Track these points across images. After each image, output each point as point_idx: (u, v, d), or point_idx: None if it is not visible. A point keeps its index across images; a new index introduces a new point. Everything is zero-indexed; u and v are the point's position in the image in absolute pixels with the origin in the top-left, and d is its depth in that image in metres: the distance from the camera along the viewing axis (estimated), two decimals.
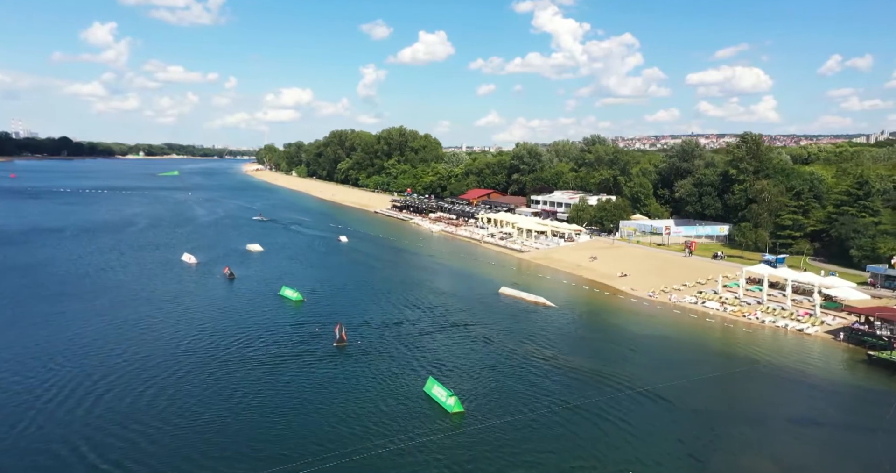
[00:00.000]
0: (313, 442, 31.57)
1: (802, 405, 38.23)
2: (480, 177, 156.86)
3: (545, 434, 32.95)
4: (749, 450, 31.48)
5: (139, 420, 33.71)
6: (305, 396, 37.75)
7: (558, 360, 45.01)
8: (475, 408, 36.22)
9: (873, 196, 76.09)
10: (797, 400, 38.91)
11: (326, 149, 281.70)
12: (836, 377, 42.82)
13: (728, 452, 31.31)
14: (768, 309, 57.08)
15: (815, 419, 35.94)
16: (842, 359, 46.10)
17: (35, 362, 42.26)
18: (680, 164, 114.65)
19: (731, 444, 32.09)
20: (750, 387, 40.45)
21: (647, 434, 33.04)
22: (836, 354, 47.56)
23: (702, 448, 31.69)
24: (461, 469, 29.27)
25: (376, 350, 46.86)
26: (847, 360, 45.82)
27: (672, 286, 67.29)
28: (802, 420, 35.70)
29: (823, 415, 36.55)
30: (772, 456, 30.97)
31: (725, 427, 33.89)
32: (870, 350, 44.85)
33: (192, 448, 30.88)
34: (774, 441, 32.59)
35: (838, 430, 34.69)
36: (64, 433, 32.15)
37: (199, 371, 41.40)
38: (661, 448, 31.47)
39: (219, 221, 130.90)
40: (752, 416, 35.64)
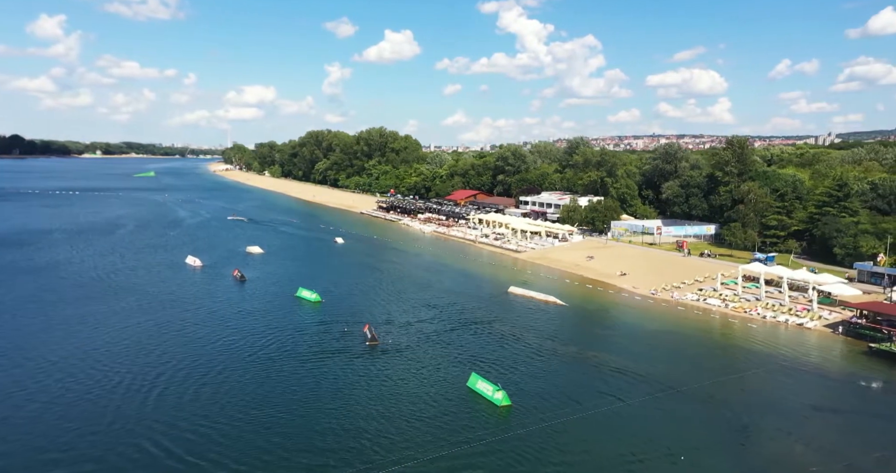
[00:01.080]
0: (371, 439, 32.97)
1: (819, 394, 41.28)
2: (465, 178, 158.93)
3: (593, 425, 35.00)
4: (781, 437, 34.14)
5: (206, 416, 34.87)
6: (355, 392, 39.14)
7: (587, 356, 47.29)
8: (520, 401, 38.09)
9: (852, 197, 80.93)
10: (813, 390, 41.97)
11: (302, 149, 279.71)
12: (842, 368, 46.11)
13: (763, 440, 33.89)
14: (768, 305, 60.60)
15: (834, 407, 38.99)
16: (844, 351, 49.58)
17: (86, 363, 43.04)
18: (664, 166, 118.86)
19: (763, 433, 34.66)
20: (769, 379, 43.33)
21: (687, 424, 35.52)
22: (836, 346, 51.07)
23: (738, 436, 34.24)
24: (520, 459, 31.03)
25: (408, 348, 48.38)
26: (849, 352, 49.29)
27: (672, 284, 70.45)
28: (822, 408, 38.71)
29: (840, 403, 39.64)
30: (803, 442, 33.72)
31: (755, 418, 36.49)
32: (870, 343, 48.42)
33: (260, 444, 31.98)
34: (802, 428, 35.39)
35: (856, 416, 37.72)
36: (143, 428, 33.41)
37: (245, 370, 42.46)
38: (703, 438, 33.92)
39: (206, 223, 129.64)
40: (778, 407, 38.42)
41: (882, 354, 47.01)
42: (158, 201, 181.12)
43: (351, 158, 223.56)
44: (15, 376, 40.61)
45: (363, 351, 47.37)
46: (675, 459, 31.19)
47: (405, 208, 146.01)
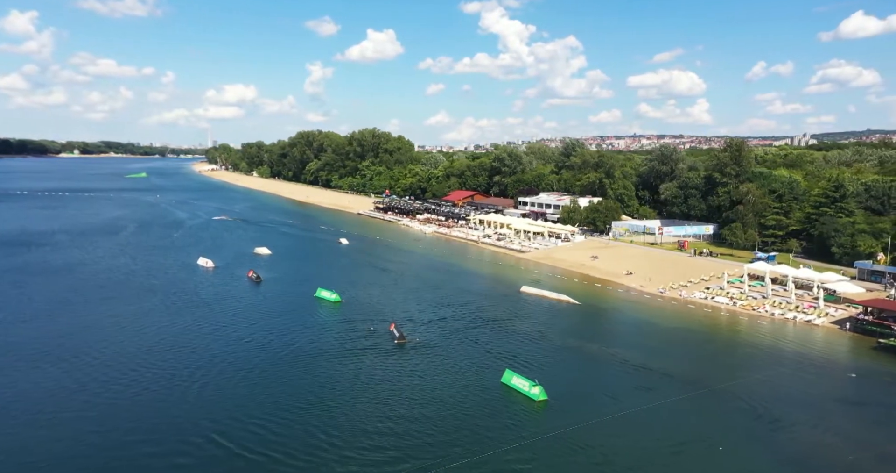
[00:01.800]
0: (416, 437, 33.89)
1: (838, 388, 43.24)
2: (462, 179, 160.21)
3: (632, 420, 36.42)
4: (811, 429, 35.92)
5: (256, 412, 35.71)
6: (392, 389, 40.19)
7: (610, 354, 48.83)
8: (555, 397, 39.39)
9: (848, 198, 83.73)
10: (832, 384, 43.95)
11: (293, 150, 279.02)
12: (856, 363, 48.13)
13: (794, 431, 35.64)
14: (775, 303, 62.76)
15: (854, 400, 40.96)
16: (854, 347, 51.71)
17: (135, 361, 43.98)
18: (660, 167, 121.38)
19: (793, 425, 36.35)
20: (789, 374, 45.13)
21: (720, 418, 37.20)
22: (845, 342, 53.25)
23: (770, 428, 35.93)
24: (566, 453, 32.36)
25: (435, 346, 49.56)
26: (859, 348, 51.42)
27: (679, 283, 72.41)
28: (844, 401, 40.67)
29: (860, 396, 41.60)
30: (832, 432, 35.47)
31: (783, 411, 38.14)
32: (880, 339, 50.63)
33: (310, 441, 32.89)
34: (829, 420, 37.19)
35: (877, 408, 39.60)
36: (207, 421, 34.63)
37: (284, 369, 43.47)
38: (737, 430, 35.59)
39: (207, 224, 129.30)
40: (802, 400, 40.23)
41: (891, 349, 49.23)
42: (151, 201, 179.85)
43: (343, 158, 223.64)
44: (74, 376, 41.35)
45: (393, 349, 48.43)
46: (714, 449, 32.76)
47: (403, 209, 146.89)
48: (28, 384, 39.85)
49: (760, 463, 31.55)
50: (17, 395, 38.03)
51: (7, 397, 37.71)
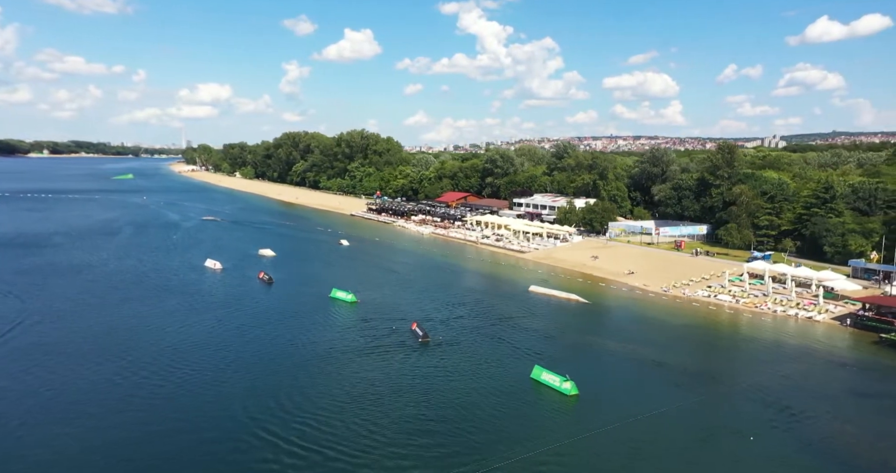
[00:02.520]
0: (457, 436, 35.11)
1: (849, 381, 45.52)
2: (454, 180, 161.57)
3: (663, 413, 38.14)
4: (831, 419, 38.00)
5: (298, 409, 36.63)
6: (425, 387, 41.34)
7: (629, 350, 50.58)
8: (585, 392, 40.91)
9: (837, 199, 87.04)
10: (842, 377, 46.24)
11: (278, 151, 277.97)
12: (861, 357, 50.55)
13: (815, 421, 37.67)
14: (776, 300, 65.29)
15: (866, 392, 43.19)
16: (857, 342, 54.19)
17: (171, 360, 44.43)
18: (651, 169, 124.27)
19: (814, 416, 38.38)
20: (801, 368, 47.34)
21: (744, 411, 39.13)
22: (847, 338, 55.78)
23: (793, 419, 37.94)
24: (606, 448, 33.93)
25: (459, 344, 50.88)
26: (861, 343, 53.86)
27: (681, 282, 74.69)
28: (857, 393, 42.87)
29: (870, 388, 43.89)
30: (851, 423, 37.50)
31: (802, 403, 40.18)
32: (882, 334, 53.25)
33: (357, 440, 33.89)
34: (846, 412, 39.29)
35: (888, 399, 42.02)
36: (248, 419, 35.34)
37: (313, 367, 44.67)
38: (762, 421, 37.52)
39: (202, 225, 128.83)
40: (818, 393, 42.35)
41: (893, 344, 51.85)
42: (139, 203, 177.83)
43: (331, 159, 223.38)
44: (122, 373, 42.16)
45: (418, 348, 49.56)
46: (745, 439, 34.56)
47: (397, 210, 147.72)
48: (84, 381, 40.81)
49: (790, 451, 33.44)
50: (79, 390, 39.16)
51: (70, 392, 38.70)
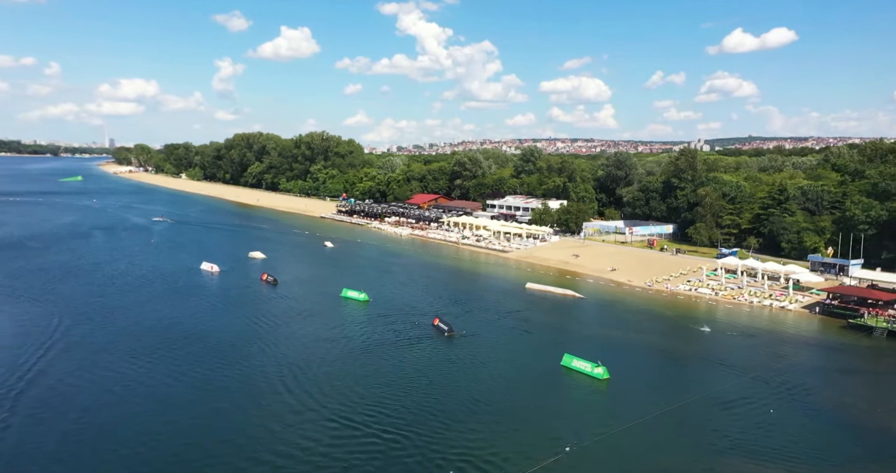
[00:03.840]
0: (513, 419, 38.96)
1: (833, 359, 52.07)
2: (423, 182, 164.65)
3: (688, 393, 43.08)
4: (828, 392, 43.88)
5: (362, 397, 39.39)
6: (470, 376, 44.94)
7: (636, 339, 55.67)
8: (614, 375, 45.33)
9: (790, 201, 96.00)
10: (826, 356, 52.91)
11: (230, 152, 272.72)
12: (836, 339, 57.31)
13: (815, 394, 43.43)
14: (752, 292, 72.22)
15: (850, 368, 49.83)
16: (828, 327, 61.23)
17: (216, 358, 45.63)
18: (616, 171, 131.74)
19: (814, 390, 44.17)
20: (788, 350, 53.66)
21: (754, 387, 44.55)
22: (819, 323, 62.82)
23: (795, 393, 43.60)
24: (638, 413, 38.37)
25: (482, 337, 54.67)
26: (832, 327, 60.89)
27: (662, 277, 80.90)
28: (843, 370, 49.33)
29: (852, 365, 50.59)
30: (848, 394, 43.52)
31: (801, 380, 45.97)
32: (850, 319, 60.50)
33: (430, 422, 36.98)
34: (838, 385, 45.45)
35: (870, 374, 48.65)
36: (318, 406, 37.57)
37: (356, 360, 47.29)
38: (772, 395, 43.00)
39: (175, 228, 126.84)
40: (810, 370, 48.50)
41: (858, 327, 59.13)
42: (92, 206, 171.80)
43: (290, 161, 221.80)
44: (179, 366, 43.50)
45: (447, 341, 52.87)
46: (766, 411, 39.75)
47: (369, 212, 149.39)
48: (155, 374, 42.56)
49: (805, 418, 38.89)
50: (138, 385, 40.57)
51: (130, 387, 39.98)
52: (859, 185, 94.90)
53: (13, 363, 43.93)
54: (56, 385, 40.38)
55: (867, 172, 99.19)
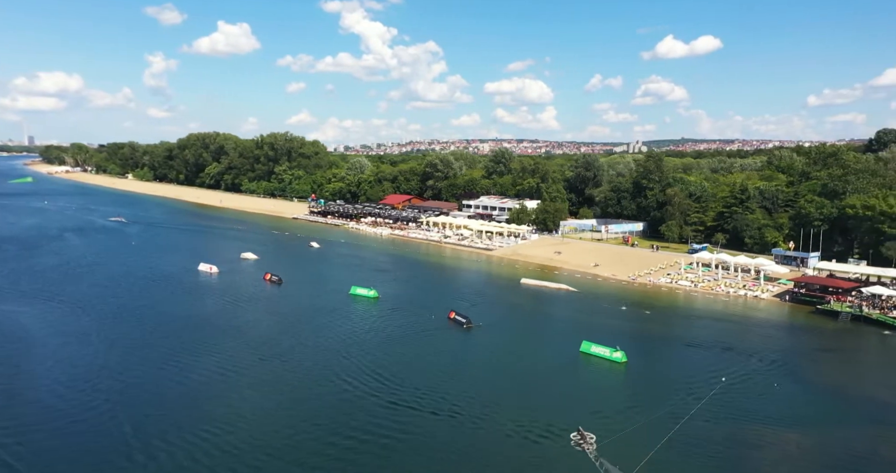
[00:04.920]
0: (542, 391, 43.08)
1: (808, 340, 58.48)
2: (395, 183, 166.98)
3: (696, 376, 48.16)
4: (815, 370, 49.97)
5: (412, 382, 42.53)
6: (501, 363, 49.06)
7: (635, 327, 60.67)
8: (631, 359, 50.04)
9: (750, 200, 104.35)
10: (802, 338, 59.26)
11: (184, 152, 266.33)
12: (807, 323, 64.10)
13: (804, 372, 49.39)
14: (728, 283, 78.96)
15: (822, 346, 56.30)
16: (799, 313, 68.04)
17: (260, 353, 47.89)
18: (585, 173, 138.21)
19: (801, 368, 50.16)
20: (768, 334, 59.88)
21: (753, 364, 50.18)
22: (788, 310, 69.69)
23: (793, 370, 49.43)
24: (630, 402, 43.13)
25: (498, 327, 58.80)
26: (800, 312, 67.78)
27: (643, 272, 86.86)
28: (822, 348, 55.73)
29: (823, 344, 57.11)
30: (833, 369, 49.83)
31: (788, 358, 52.02)
32: (818, 305, 67.62)
33: (483, 403, 40.52)
34: (821, 363, 51.68)
35: (839, 351, 55.18)
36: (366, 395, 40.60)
37: (392, 348, 50.43)
38: (768, 371, 48.63)
39: (150, 230, 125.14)
40: (794, 351, 54.59)
41: (826, 312, 66.26)
42: (48, 208, 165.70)
43: (252, 162, 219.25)
44: (229, 358, 45.78)
45: (466, 333, 56.45)
46: (771, 386, 45.14)
47: (344, 213, 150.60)
48: (203, 369, 44.57)
49: (804, 389, 44.58)
50: (207, 376, 42.60)
51: (203, 377, 42.03)
52: (809, 185, 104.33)
53: (82, 361, 45.31)
54: (134, 379, 42.27)
55: (816, 174, 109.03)
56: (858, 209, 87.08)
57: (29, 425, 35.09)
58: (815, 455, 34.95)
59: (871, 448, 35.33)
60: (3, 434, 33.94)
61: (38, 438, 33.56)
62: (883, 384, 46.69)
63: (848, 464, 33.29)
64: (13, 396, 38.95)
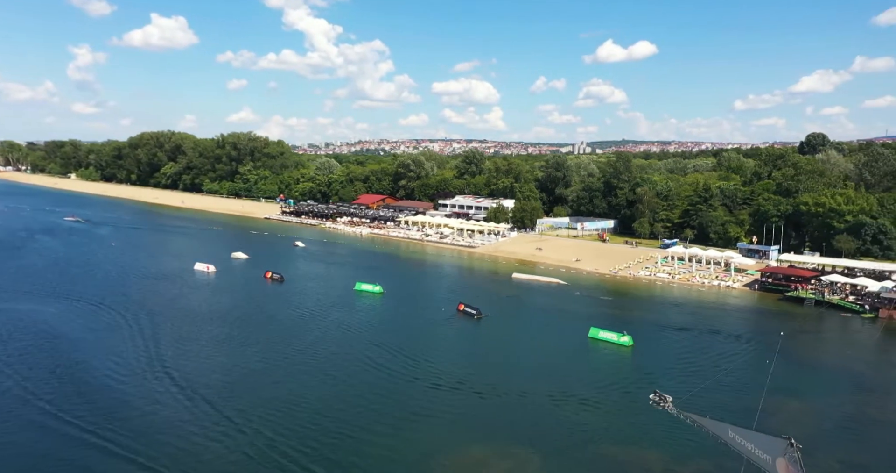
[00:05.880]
0: (562, 369, 47.56)
1: (780, 322, 64.69)
2: (367, 183, 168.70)
3: (689, 347, 53.48)
4: (795, 345, 55.97)
5: (449, 363, 45.92)
6: (523, 348, 52.77)
7: (632, 315, 65.80)
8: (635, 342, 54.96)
9: (713, 198, 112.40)
10: (774, 320, 65.68)
11: (136, 151, 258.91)
12: (777, 308, 71.04)
13: (788, 347, 55.31)
14: (702, 275, 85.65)
15: (794, 328, 62.41)
16: (768, 299, 75.01)
17: (287, 347, 50.33)
18: (555, 173, 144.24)
19: (783, 345, 56.18)
20: (745, 317, 66.22)
21: (742, 344, 55.92)
22: (758, 297, 76.61)
23: (776, 349, 55.30)
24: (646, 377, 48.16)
25: (505, 318, 62.63)
26: (769, 299, 74.78)
27: (623, 266, 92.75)
28: (787, 329, 61.51)
29: (795, 326, 63.60)
30: (810, 348, 56.08)
31: (770, 338, 57.95)
32: (785, 293, 74.78)
33: (517, 382, 44.39)
34: (798, 341, 57.78)
35: (806, 333, 61.90)
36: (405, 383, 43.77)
37: (421, 338, 54.05)
38: (761, 351, 54.47)
39: (122, 232, 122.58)
40: (775, 331, 60.81)
41: (792, 299, 73.44)
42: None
43: (213, 162, 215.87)
44: (270, 351, 46.98)
45: (477, 323, 60.17)
46: (763, 362, 50.72)
47: (319, 213, 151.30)
48: (256, 357, 46.63)
49: (789, 364, 50.37)
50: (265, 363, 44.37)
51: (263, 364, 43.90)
52: (765, 184, 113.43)
53: (132, 354, 46.82)
54: (194, 368, 44.44)
55: (771, 174, 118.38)
56: (811, 206, 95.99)
57: (116, 410, 37.00)
58: (817, 419, 40.40)
59: (859, 410, 41.17)
60: (103, 420, 35.77)
61: (132, 416, 36.00)
62: (854, 358, 53.32)
63: (843, 423, 38.89)
64: (85, 384, 40.51)
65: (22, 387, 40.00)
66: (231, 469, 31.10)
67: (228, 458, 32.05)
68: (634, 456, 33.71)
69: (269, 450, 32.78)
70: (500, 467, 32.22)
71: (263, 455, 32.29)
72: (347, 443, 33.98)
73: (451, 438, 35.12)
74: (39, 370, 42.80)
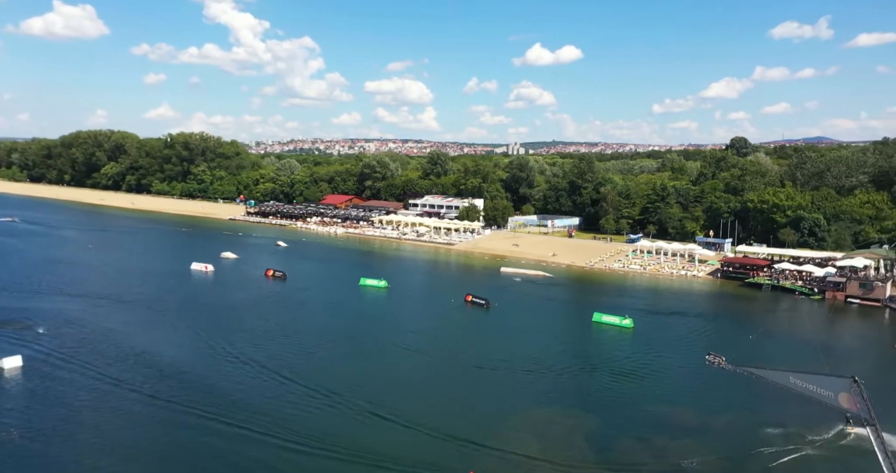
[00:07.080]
0: (574, 347, 53.71)
1: (744, 306, 73.78)
2: (332, 184, 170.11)
3: (680, 328, 60.77)
4: (765, 320, 64.51)
5: (478, 349, 50.61)
6: (539, 332, 58.35)
7: (620, 300, 72.83)
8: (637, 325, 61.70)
9: (669, 197, 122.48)
10: (739, 304, 74.45)
11: (71, 150, 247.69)
12: (740, 293, 79.97)
13: (758, 323, 63.74)
14: (670, 266, 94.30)
15: (757, 309, 71.67)
16: (730, 286, 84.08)
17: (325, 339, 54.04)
18: (519, 174, 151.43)
19: (755, 322, 64.60)
20: (715, 302, 74.63)
21: (722, 324, 63.76)
22: (720, 285, 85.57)
23: (750, 328, 63.57)
24: (654, 352, 55.06)
25: (512, 306, 68.01)
26: (730, 286, 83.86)
27: (597, 259, 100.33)
28: (757, 311, 70.99)
29: (755, 308, 72.62)
30: (776, 324, 64.51)
31: (741, 318, 66.45)
32: (746, 280, 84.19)
33: (533, 360, 49.88)
34: (763, 318, 66.50)
35: (771, 312, 70.89)
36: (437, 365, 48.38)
37: (441, 326, 59.08)
38: (740, 330, 62.38)
39: (97, 235, 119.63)
40: (741, 311, 69.37)
41: (751, 285, 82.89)
42: None
43: (161, 162, 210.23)
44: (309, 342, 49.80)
45: (487, 312, 65.38)
46: (746, 337, 58.51)
47: (288, 213, 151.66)
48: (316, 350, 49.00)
49: (768, 338, 58.38)
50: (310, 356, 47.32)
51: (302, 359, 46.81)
52: (713, 183, 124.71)
53: (186, 344, 49.55)
54: (253, 355, 47.60)
55: (716, 174, 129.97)
56: (756, 203, 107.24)
57: (209, 389, 39.72)
58: None
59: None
60: (200, 398, 37.98)
61: (225, 393, 38.83)
62: (813, 330, 61.88)
63: None
64: (167, 368, 43.04)
65: (103, 375, 41.77)
66: (334, 424, 34.95)
67: (331, 422, 36.02)
68: (671, 412, 39.71)
69: (367, 414, 37.31)
70: (566, 423, 37.46)
71: (363, 415, 36.85)
72: (427, 405, 38.31)
73: (518, 404, 40.06)
74: (110, 359, 44.42)
